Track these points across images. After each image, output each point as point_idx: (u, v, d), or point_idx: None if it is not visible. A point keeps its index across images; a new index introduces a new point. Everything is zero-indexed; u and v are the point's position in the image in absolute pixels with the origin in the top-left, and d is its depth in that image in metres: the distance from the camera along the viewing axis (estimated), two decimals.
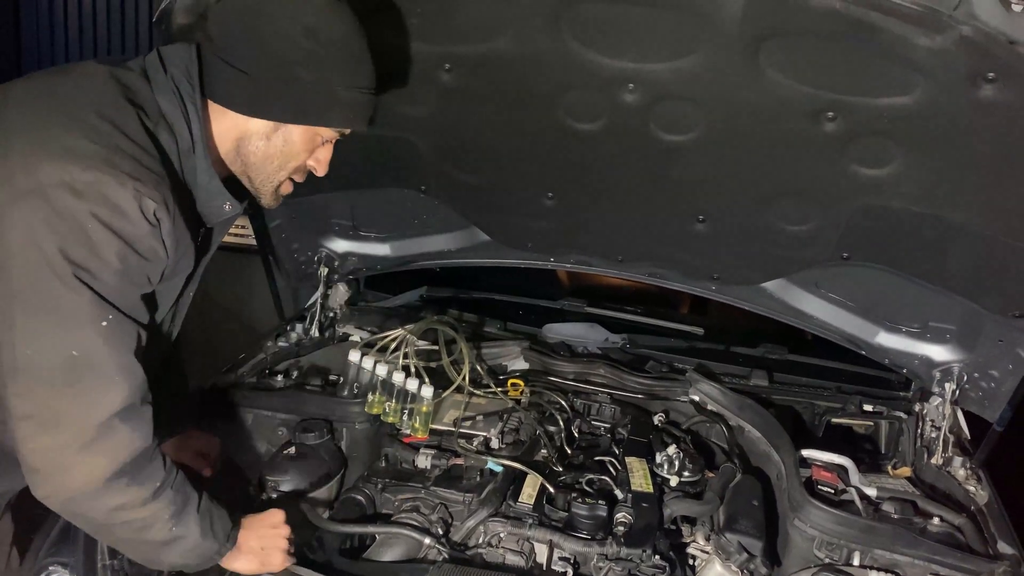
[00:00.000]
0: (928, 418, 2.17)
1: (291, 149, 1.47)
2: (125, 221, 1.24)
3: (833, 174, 1.79)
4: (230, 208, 1.48)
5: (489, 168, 2.15)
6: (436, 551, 1.72)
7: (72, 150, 1.22)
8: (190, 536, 1.39)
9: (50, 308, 1.21)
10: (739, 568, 1.66)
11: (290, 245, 2.50)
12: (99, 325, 1.23)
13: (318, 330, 2.51)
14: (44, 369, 1.22)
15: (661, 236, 2.21)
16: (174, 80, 1.38)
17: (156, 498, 1.33)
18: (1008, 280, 1.87)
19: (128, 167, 1.24)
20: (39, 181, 1.20)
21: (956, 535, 1.78)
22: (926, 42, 1.39)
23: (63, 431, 1.24)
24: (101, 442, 1.25)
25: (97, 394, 1.25)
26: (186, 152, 1.39)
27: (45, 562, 1.63)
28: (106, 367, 1.25)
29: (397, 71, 1.78)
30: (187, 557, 1.42)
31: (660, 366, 2.53)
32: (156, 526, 1.35)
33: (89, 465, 1.25)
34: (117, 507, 1.30)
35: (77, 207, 1.20)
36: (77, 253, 1.21)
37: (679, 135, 1.81)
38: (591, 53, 1.66)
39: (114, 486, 1.27)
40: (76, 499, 1.29)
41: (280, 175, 1.51)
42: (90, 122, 1.26)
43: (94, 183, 1.21)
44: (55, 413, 1.24)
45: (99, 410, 1.25)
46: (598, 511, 1.77)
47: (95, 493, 1.27)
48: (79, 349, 1.22)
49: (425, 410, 2.02)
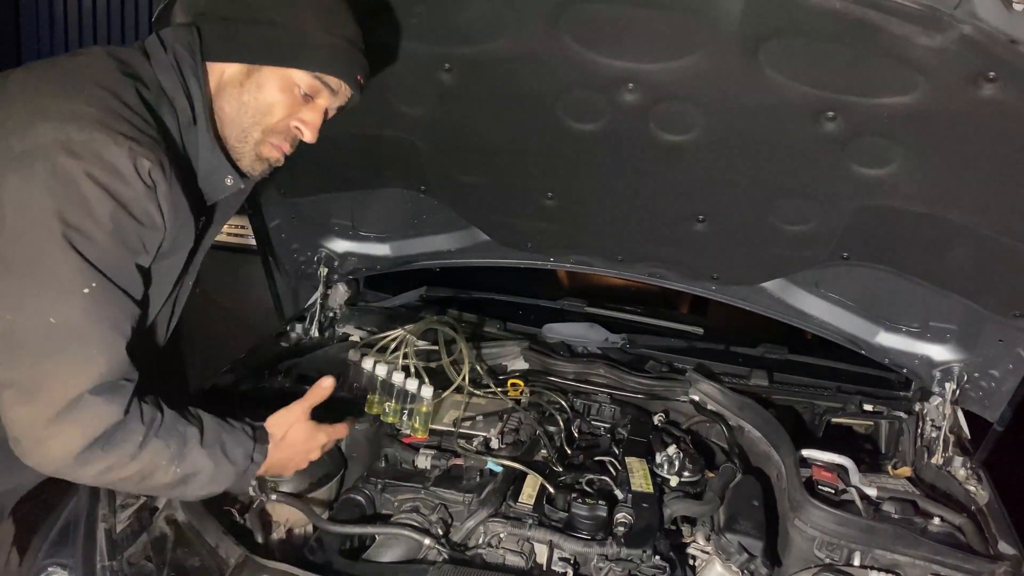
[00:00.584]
0: (928, 418, 2.17)
1: (265, 97, 1.40)
2: (120, 181, 1.21)
3: (833, 174, 1.79)
4: (231, 182, 1.45)
5: (489, 168, 2.15)
6: (436, 551, 1.71)
7: (68, 112, 1.21)
8: (203, 470, 1.37)
9: (33, 271, 1.18)
10: (739, 568, 1.66)
11: (290, 245, 2.50)
12: (81, 292, 1.19)
13: (318, 330, 2.51)
14: (23, 336, 1.19)
15: (661, 236, 2.21)
16: (175, 55, 1.37)
17: (143, 449, 1.29)
18: (1008, 280, 1.87)
19: (124, 128, 1.23)
20: (35, 142, 1.18)
21: (957, 535, 1.78)
22: (926, 41, 1.39)
23: (37, 401, 1.20)
24: (72, 415, 1.21)
25: (73, 366, 1.21)
26: (187, 125, 1.38)
27: (44, 563, 1.62)
28: (85, 339, 1.21)
29: (397, 70, 1.78)
30: (210, 487, 1.41)
31: (660, 366, 2.53)
32: (157, 473, 1.32)
33: (61, 438, 1.22)
34: (103, 470, 1.28)
35: (72, 166, 1.18)
36: (70, 213, 1.18)
37: (679, 135, 1.81)
38: (591, 53, 1.66)
39: (91, 455, 1.25)
40: (58, 469, 1.27)
41: (255, 131, 1.43)
42: (88, 90, 1.25)
43: (89, 142, 1.19)
44: (32, 382, 1.21)
45: (73, 383, 1.21)
46: (598, 511, 1.77)
47: (74, 463, 1.25)
48: (57, 316, 1.19)
49: (425, 410, 2.01)
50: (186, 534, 1.70)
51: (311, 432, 1.60)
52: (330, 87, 1.44)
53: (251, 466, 1.46)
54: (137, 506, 1.71)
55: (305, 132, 1.46)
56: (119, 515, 1.67)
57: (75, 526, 1.65)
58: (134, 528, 1.68)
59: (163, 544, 1.70)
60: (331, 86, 1.44)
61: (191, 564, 1.66)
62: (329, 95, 1.46)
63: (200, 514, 1.69)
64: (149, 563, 1.66)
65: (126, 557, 1.62)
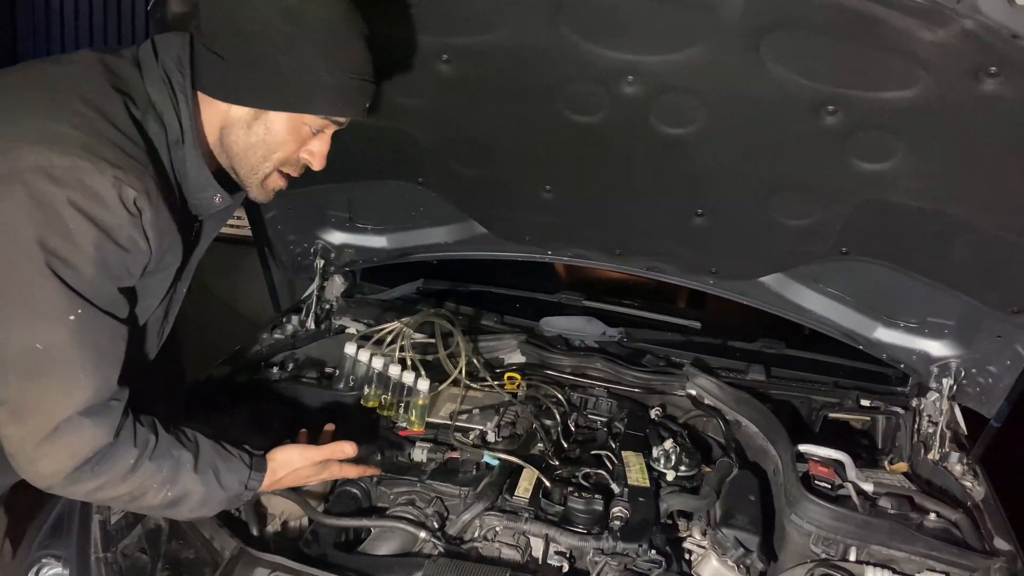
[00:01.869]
0: (925, 413, 2.17)
1: (274, 138, 1.40)
2: (103, 209, 1.20)
3: (833, 168, 1.78)
4: (220, 200, 1.45)
5: (487, 160, 2.14)
6: (432, 545, 1.71)
7: (51, 135, 1.19)
8: (193, 494, 1.38)
9: (19, 297, 1.18)
10: (735, 563, 1.66)
11: (286, 236, 2.49)
12: (67, 319, 1.20)
13: (314, 322, 2.50)
14: (10, 359, 1.20)
15: (660, 230, 2.20)
16: (165, 69, 1.35)
17: (134, 472, 1.31)
18: (1007, 276, 1.86)
19: (109, 154, 1.21)
20: (16, 166, 1.17)
21: (953, 531, 1.78)
22: (928, 36, 1.38)
23: (27, 422, 1.22)
24: (60, 438, 1.23)
25: (60, 390, 1.22)
26: (175, 143, 1.36)
27: (38, 554, 1.63)
28: (71, 364, 1.22)
29: (395, 62, 1.77)
30: (200, 511, 1.43)
31: (657, 360, 2.53)
32: (148, 494, 1.34)
33: (51, 459, 1.24)
34: (94, 489, 1.29)
35: (54, 193, 1.16)
36: (52, 241, 1.17)
37: (679, 128, 1.80)
38: (591, 45, 1.65)
39: (82, 475, 1.26)
40: (51, 487, 1.28)
41: (264, 166, 1.44)
42: (73, 107, 1.23)
43: (72, 169, 1.17)
44: (21, 404, 1.22)
45: (60, 407, 1.22)
46: (594, 505, 1.77)
47: (64, 482, 1.27)
48: (43, 342, 1.19)
49: (421, 403, 2.01)
50: (180, 526, 1.70)
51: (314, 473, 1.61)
52: (338, 121, 1.45)
53: (244, 492, 1.47)
54: None
55: (314, 162, 1.48)
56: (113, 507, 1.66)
57: (69, 517, 1.65)
58: (128, 520, 1.68)
59: (157, 536, 1.69)
60: (339, 121, 1.45)
61: (185, 556, 1.66)
62: (336, 126, 1.46)
63: None
64: (143, 555, 1.65)
65: (120, 549, 1.62)
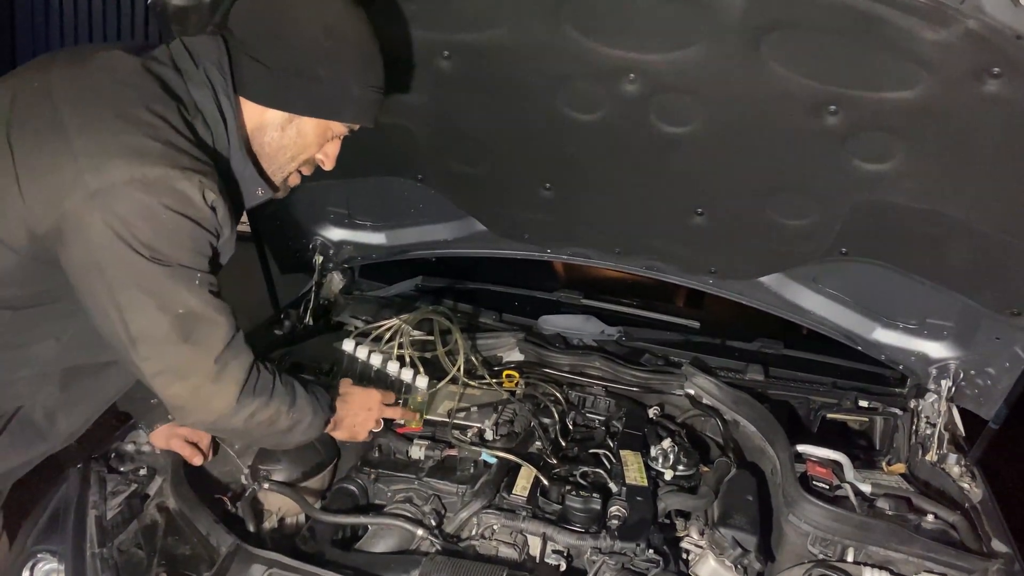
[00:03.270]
0: (923, 415, 2.16)
1: (304, 141, 1.56)
2: (192, 208, 1.36)
3: (833, 168, 1.78)
4: (262, 193, 1.58)
5: (486, 158, 2.13)
6: (429, 543, 1.71)
7: (136, 148, 1.31)
8: (306, 417, 1.61)
9: (147, 283, 1.35)
10: (733, 563, 1.66)
11: (285, 233, 2.49)
12: (192, 284, 1.39)
13: (312, 319, 2.49)
14: (160, 332, 1.38)
15: (659, 229, 2.20)
16: (207, 73, 1.46)
17: (274, 397, 1.53)
18: (1007, 277, 1.86)
19: (187, 162, 1.35)
20: (111, 180, 1.29)
21: (950, 532, 1.78)
22: (931, 36, 1.38)
23: (193, 376, 1.42)
24: (224, 372, 1.44)
25: (208, 338, 1.42)
26: (221, 142, 1.48)
27: (33, 550, 1.62)
28: (208, 314, 1.41)
29: (395, 58, 1.76)
30: (307, 434, 1.65)
31: (656, 359, 2.53)
32: (280, 418, 1.56)
33: (222, 392, 1.46)
34: (250, 415, 1.50)
35: (150, 201, 1.31)
36: (156, 240, 1.33)
37: (679, 127, 1.80)
38: (591, 43, 1.64)
39: (244, 400, 1.48)
40: (218, 420, 1.49)
41: (291, 166, 1.60)
42: (145, 119, 1.35)
43: (163, 178, 1.31)
44: (180, 363, 1.42)
45: (213, 350, 1.43)
46: (592, 504, 1.76)
47: (233, 411, 1.47)
48: (184, 307, 1.38)
49: (420, 400, 2.00)
50: (177, 522, 1.70)
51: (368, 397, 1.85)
52: (354, 129, 1.61)
53: (331, 415, 1.71)
54: (128, 493, 1.71)
55: (327, 163, 1.64)
56: (109, 502, 1.66)
57: (65, 513, 1.64)
58: (124, 515, 1.67)
59: (154, 532, 1.69)
60: (355, 128, 1.61)
61: (182, 552, 1.65)
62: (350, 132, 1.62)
63: (191, 502, 1.68)
64: (139, 551, 1.65)
65: (116, 544, 1.61)
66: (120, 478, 1.74)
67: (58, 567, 1.59)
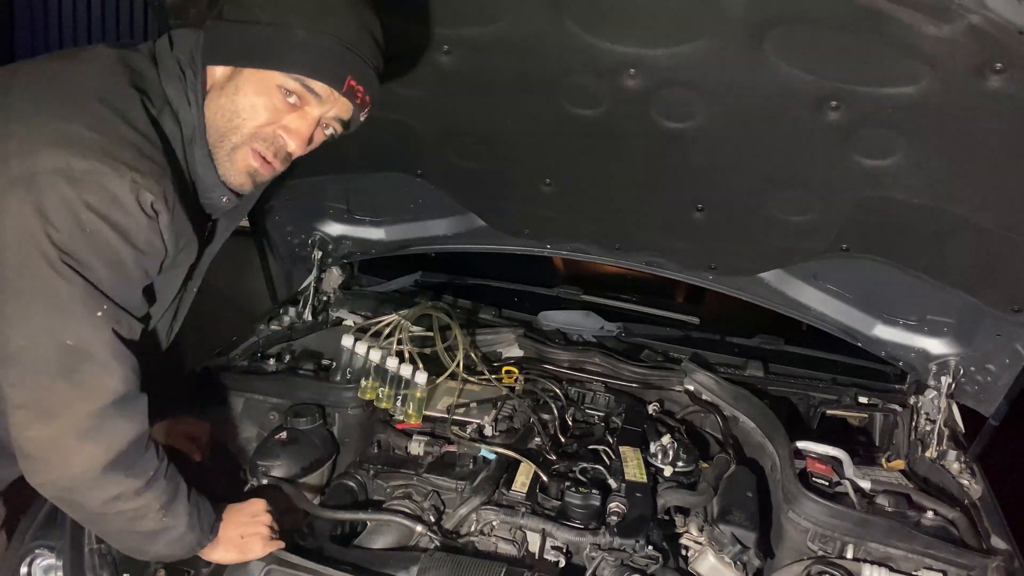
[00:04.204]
0: (923, 411, 2.16)
1: (242, 100, 1.32)
2: (121, 212, 1.20)
3: (835, 164, 1.77)
4: (227, 201, 1.43)
5: (486, 153, 2.12)
6: (428, 538, 1.71)
7: (70, 137, 1.19)
8: (178, 526, 1.39)
9: (43, 297, 1.18)
10: (732, 559, 1.66)
11: (284, 228, 2.48)
12: (94, 315, 1.21)
13: (311, 314, 2.49)
14: (39, 359, 1.20)
15: (659, 224, 2.19)
16: (180, 64, 1.35)
17: (149, 487, 1.32)
18: (1008, 274, 1.86)
19: (127, 157, 1.21)
20: (35, 168, 1.16)
21: (950, 529, 1.78)
22: (934, 31, 1.37)
23: (59, 420, 1.22)
24: (97, 431, 1.24)
25: (93, 384, 1.23)
26: (190, 141, 1.35)
27: (31, 545, 1.61)
28: (101, 356, 1.23)
29: (394, 52, 1.75)
30: (172, 548, 1.42)
31: (655, 355, 2.53)
32: (148, 516, 1.34)
33: (85, 454, 1.24)
34: (112, 497, 1.29)
35: (71, 195, 1.17)
36: (71, 242, 1.18)
37: (680, 122, 1.79)
38: (592, 37, 1.63)
39: (110, 475, 1.27)
40: (72, 488, 1.28)
41: (232, 137, 1.34)
42: (91, 109, 1.23)
43: (91, 172, 1.17)
44: (51, 403, 1.22)
45: (95, 400, 1.23)
46: (591, 500, 1.76)
47: (92, 482, 1.26)
48: (74, 339, 1.20)
49: (419, 396, 2.00)
50: None
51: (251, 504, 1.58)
52: (315, 92, 1.33)
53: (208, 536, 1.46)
54: None
55: (289, 141, 1.36)
56: None
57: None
58: None
59: None
60: (316, 91, 1.33)
61: None
62: (317, 102, 1.34)
63: None
64: None
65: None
66: None
67: (56, 562, 1.58)
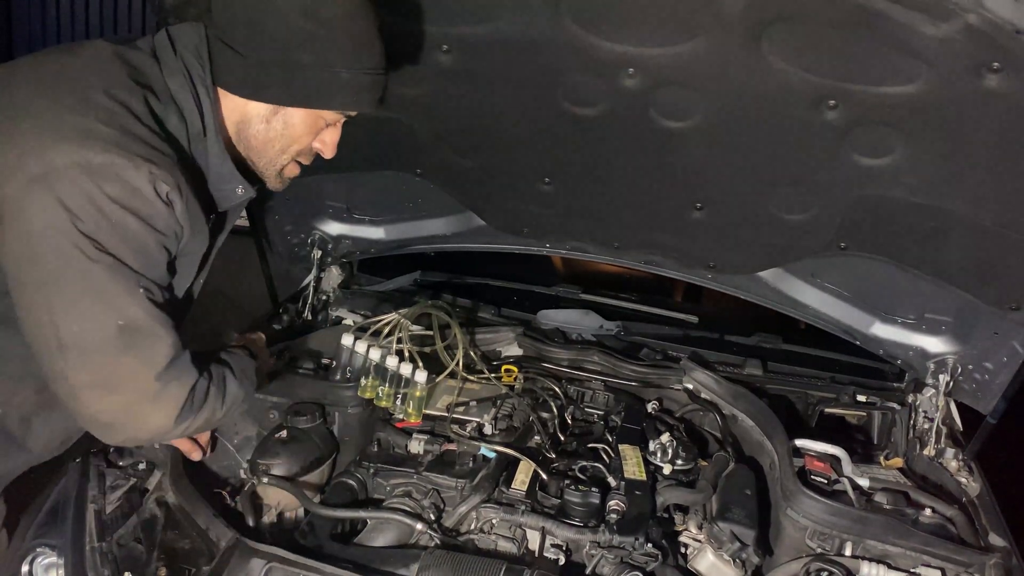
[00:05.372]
0: (921, 409, 2.17)
1: (292, 132, 1.46)
2: (141, 201, 1.26)
3: (833, 163, 1.77)
4: (243, 192, 1.50)
5: (485, 152, 2.13)
6: (428, 537, 1.71)
7: (84, 131, 1.22)
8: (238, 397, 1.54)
9: (87, 286, 1.24)
10: (731, 557, 1.66)
11: (283, 227, 2.48)
12: (136, 292, 1.29)
13: (311, 313, 2.49)
14: (95, 341, 1.27)
15: (658, 223, 2.19)
16: (184, 61, 1.38)
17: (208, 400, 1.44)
18: (1005, 272, 1.87)
19: (140, 149, 1.25)
20: (53, 164, 1.20)
21: (948, 526, 1.78)
22: (931, 30, 1.37)
23: (129, 389, 1.32)
24: (163, 391, 1.34)
25: (150, 352, 1.32)
26: (196, 135, 1.39)
27: (32, 543, 1.62)
28: (151, 327, 1.31)
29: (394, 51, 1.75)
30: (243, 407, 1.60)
31: (654, 354, 2.53)
32: (216, 414, 1.48)
33: (160, 412, 1.35)
34: (187, 427, 1.42)
35: (92, 189, 1.21)
36: (98, 231, 1.23)
37: (679, 121, 1.79)
38: (591, 36, 1.64)
39: (183, 418, 1.39)
40: (153, 437, 1.47)
41: (282, 159, 1.50)
42: (101, 103, 1.26)
43: (109, 165, 1.22)
44: (116, 376, 1.30)
45: (155, 365, 1.32)
46: (591, 498, 1.77)
47: (170, 429, 1.39)
48: (124, 318, 1.28)
49: (418, 395, 2.00)
50: (176, 516, 1.70)
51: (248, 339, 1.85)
52: (350, 114, 1.51)
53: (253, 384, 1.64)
54: (127, 487, 1.71)
55: (326, 151, 1.54)
56: (109, 496, 1.66)
57: (64, 507, 1.65)
58: (124, 509, 1.67)
59: (153, 526, 1.69)
60: (352, 114, 1.51)
61: (181, 546, 1.66)
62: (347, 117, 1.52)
63: (191, 496, 1.68)
64: (139, 545, 1.65)
65: (115, 538, 1.62)
66: (119, 472, 1.74)
67: (57, 561, 1.59)
